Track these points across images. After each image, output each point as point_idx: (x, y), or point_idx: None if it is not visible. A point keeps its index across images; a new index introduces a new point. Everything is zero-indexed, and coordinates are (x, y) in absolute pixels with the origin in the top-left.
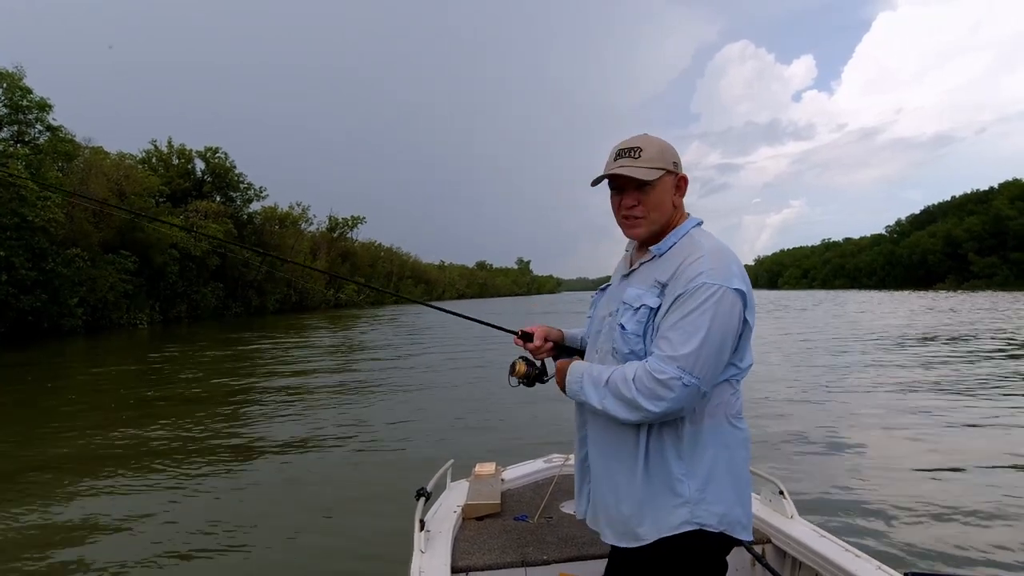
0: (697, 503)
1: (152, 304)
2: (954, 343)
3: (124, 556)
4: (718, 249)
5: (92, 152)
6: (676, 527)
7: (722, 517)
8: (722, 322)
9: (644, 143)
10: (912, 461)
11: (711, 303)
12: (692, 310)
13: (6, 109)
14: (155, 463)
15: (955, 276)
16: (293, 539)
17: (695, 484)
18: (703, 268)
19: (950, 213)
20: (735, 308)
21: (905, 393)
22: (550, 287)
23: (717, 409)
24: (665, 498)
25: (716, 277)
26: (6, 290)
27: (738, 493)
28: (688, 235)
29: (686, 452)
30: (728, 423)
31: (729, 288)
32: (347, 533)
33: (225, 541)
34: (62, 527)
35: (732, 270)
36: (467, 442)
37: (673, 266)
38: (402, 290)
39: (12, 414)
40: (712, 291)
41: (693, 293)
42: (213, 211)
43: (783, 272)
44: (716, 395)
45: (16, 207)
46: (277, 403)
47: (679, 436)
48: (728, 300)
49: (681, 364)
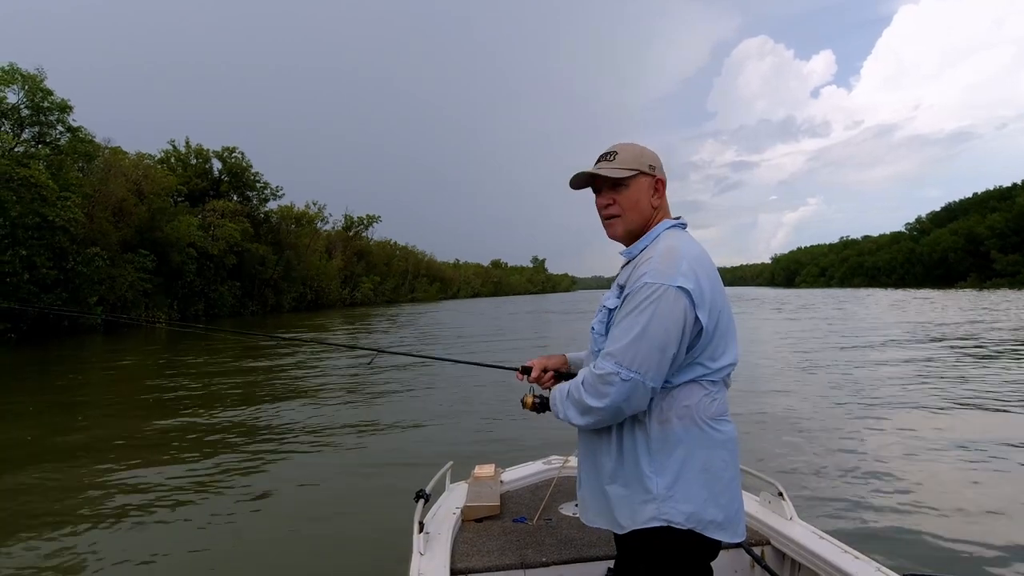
0: (664, 500)
1: (170, 303)
2: (963, 342)
3: (123, 545)
4: (670, 249)
5: (112, 152)
6: (646, 521)
7: (690, 515)
8: (662, 319)
9: (621, 148)
10: (913, 462)
11: (650, 300)
12: (632, 308)
13: (28, 111)
14: (156, 459)
15: (977, 274)
16: (292, 539)
17: (663, 482)
18: (648, 268)
19: (972, 210)
20: (678, 305)
21: (907, 393)
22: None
23: (687, 411)
24: (637, 493)
25: (658, 276)
26: (28, 288)
27: (713, 493)
28: (657, 237)
29: (655, 450)
30: (702, 424)
31: (672, 286)
32: (346, 534)
33: (222, 541)
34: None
35: (679, 268)
36: (466, 444)
37: (634, 270)
38: (417, 288)
39: (33, 408)
40: (652, 289)
41: (636, 292)
42: (230, 210)
43: (800, 270)
44: (684, 396)
45: (37, 207)
46: (278, 403)
47: (648, 435)
48: (669, 297)
49: (618, 359)
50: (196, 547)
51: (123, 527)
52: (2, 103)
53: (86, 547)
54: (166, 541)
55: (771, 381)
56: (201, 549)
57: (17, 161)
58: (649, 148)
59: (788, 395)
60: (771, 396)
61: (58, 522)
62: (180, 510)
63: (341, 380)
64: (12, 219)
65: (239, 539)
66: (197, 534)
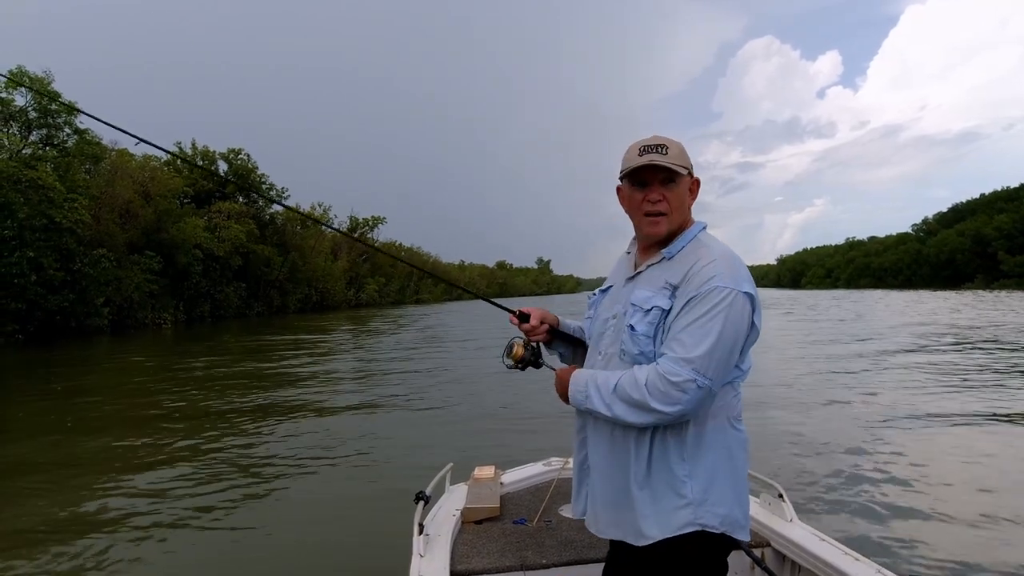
0: (700, 504)
1: (176, 304)
2: (966, 344)
3: (124, 547)
4: (729, 254)
5: (118, 154)
6: (680, 528)
7: (724, 518)
8: (734, 325)
9: (668, 142)
10: (915, 465)
11: (724, 306)
12: (705, 312)
13: (35, 113)
14: (157, 459)
15: (984, 275)
16: (292, 541)
17: (699, 485)
18: (716, 272)
19: (979, 211)
20: (745, 311)
21: (909, 394)
22: (570, 286)
23: (720, 411)
24: (669, 499)
25: (728, 281)
26: (35, 290)
27: (737, 494)
28: (696, 239)
29: (689, 454)
30: (730, 425)
31: (740, 291)
32: (346, 536)
33: (222, 542)
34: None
35: (742, 274)
36: (466, 445)
37: (684, 269)
38: (422, 290)
39: (40, 409)
40: (725, 294)
41: (706, 296)
42: (236, 212)
43: (806, 271)
44: (720, 397)
45: (45, 209)
46: (279, 405)
47: (683, 438)
48: (740, 303)
49: (696, 366)
50: (197, 547)
51: (124, 528)
52: (10, 106)
53: (85, 548)
54: (167, 542)
55: (771, 381)
56: (202, 549)
57: (25, 163)
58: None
59: (788, 396)
60: (771, 396)
61: (56, 526)
62: (181, 511)
63: (342, 381)
64: (20, 221)
65: (239, 540)
66: (198, 535)
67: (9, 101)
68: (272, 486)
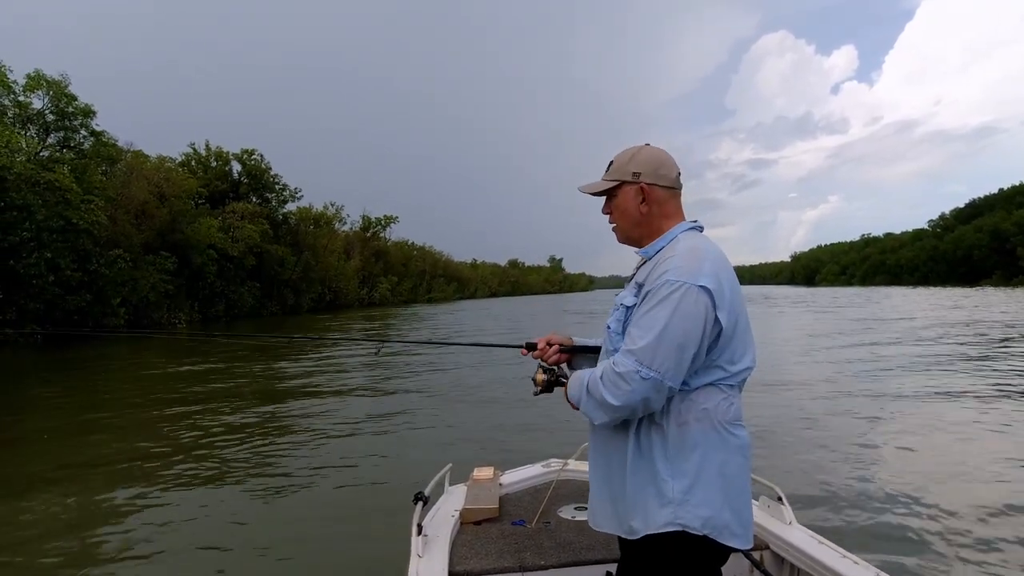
0: (680, 504)
1: (191, 304)
2: (969, 344)
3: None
4: (691, 249)
5: (133, 156)
6: (662, 526)
7: (706, 520)
8: (683, 318)
9: (618, 156)
10: (917, 469)
11: (672, 299)
12: (653, 306)
13: (53, 116)
14: (158, 460)
15: (1002, 272)
16: (291, 541)
17: (680, 486)
18: (671, 267)
19: (997, 206)
20: (699, 305)
21: (912, 396)
22: (583, 285)
23: (705, 413)
24: (652, 497)
25: (682, 275)
26: (53, 291)
27: (729, 498)
28: (674, 239)
29: (672, 454)
30: (719, 428)
31: (694, 285)
32: (344, 536)
33: (222, 541)
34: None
35: (701, 268)
36: (465, 446)
37: (651, 268)
38: (435, 289)
39: (58, 409)
40: (674, 287)
41: (657, 289)
42: (250, 212)
43: (820, 269)
44: (702, 398)
45: (62, 210)
46: (280, 406)
47: (665, 437)
48: (692, 296)
49: (638, 357)
50: (197, 546)
51: (128, 522)
52: (28, 109)
53: (92, 539)
54: (168, 540)
55: (772, 382)
56: (202, 548)
57: (42, 165)
58: (652, 150)
59: (789, 396)
60: (772, 397)
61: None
62: (182, 509)
63: (343, 382)
64: (38, 222)
65: (239, 540)
66: (198, 536)
67: (27, 104)
68: (271, 485)
